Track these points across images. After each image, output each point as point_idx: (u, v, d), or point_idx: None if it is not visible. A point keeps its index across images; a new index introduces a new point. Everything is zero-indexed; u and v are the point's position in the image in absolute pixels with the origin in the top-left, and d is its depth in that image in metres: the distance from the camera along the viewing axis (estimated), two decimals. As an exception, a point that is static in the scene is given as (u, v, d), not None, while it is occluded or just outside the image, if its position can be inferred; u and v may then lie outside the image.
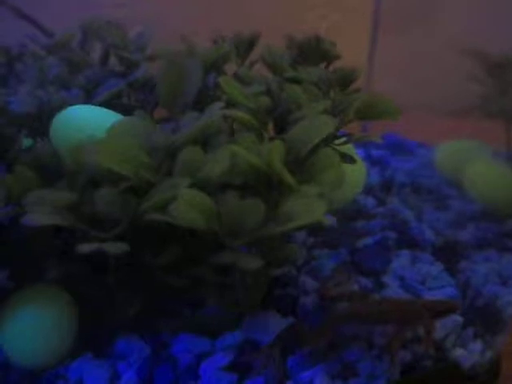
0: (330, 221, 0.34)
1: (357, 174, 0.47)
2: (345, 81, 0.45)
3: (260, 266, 0.30)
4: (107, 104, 0.44)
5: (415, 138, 0.66)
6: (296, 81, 0.44)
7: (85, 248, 0.30)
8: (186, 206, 0.29)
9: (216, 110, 0.37)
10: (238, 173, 0.34)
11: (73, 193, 0.34)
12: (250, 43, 0.51)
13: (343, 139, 0.42)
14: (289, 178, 0.31)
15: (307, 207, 0.30)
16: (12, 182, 0.35)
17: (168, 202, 0.30)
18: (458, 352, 0.38)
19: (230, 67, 0.52)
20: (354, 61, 0.53)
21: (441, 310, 0.37)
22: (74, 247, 0.34)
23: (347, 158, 0.40)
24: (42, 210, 0.31)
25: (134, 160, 0.33)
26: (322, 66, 0.51)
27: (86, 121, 0.40)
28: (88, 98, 0.46)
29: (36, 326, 0.37)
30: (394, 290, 0.42)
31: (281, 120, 0.42)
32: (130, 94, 0.49)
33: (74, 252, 0.35)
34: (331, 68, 0.50)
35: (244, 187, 0.35)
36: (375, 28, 0.80)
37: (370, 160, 0.58)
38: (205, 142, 0.38)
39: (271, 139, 0.37)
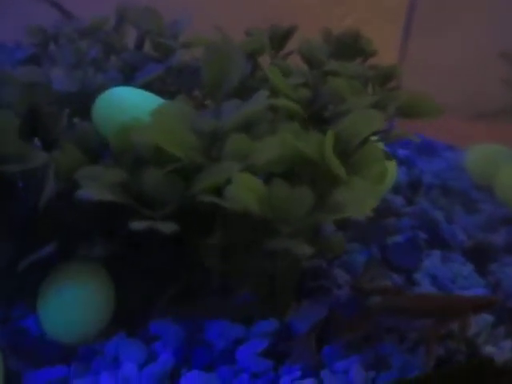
0: (370, 214, 0.36)
1: (388, 171, 0.49)
2: (383, 78, 0.47)
3: (308, 254, 0.32)
4: (145, 88, 0.46)
5: (442, 139, 0.67)
6: (335, 74, 0.46)
7: (137, 225, 0.32)
8: (242, 189, 0.31)
9: (262, 98, 0.38)
10: (284, 161, 0.35)
11: (121, 171, 0.36)
12: (285, 36, 0.53)
13: (379, 136, 0.44)
14: (340, 170, 0.33)
15: (357, 200, 0.32)
16: (61, 158, 0.36)
17: (220, 185, 0.32)
18: (489, 349, 0.40)
19: (264, 59, 0.54)
20: (382, 59, 0.55)
21: (480, 305, 0.38)
22: (119, 225, 0.36)
23: (387, 155, 0.41)
24: (96, 186, 0.33)
25: (184, 142, 0.35)
26: (358, 61, 0.53)
27: (128, 102, 0.42)
28: (125, 81, 0.47)
29: (75, 303, 0.39)
30: (425, 288, 0.44)
31: (318, 112, 0.44)
32: (165, 80, 0.51)
33: (119, 231, 0.37)
34: (367, 65, 0.52)
35: (288, 176, 0.36)
36: (407, 28, 0.82)
37: (397, 159, 0.59)
38: (248, 129, 0.39)
39: (318, 130, 0.39)
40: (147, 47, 0.55)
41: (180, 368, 0.38)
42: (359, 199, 0.34)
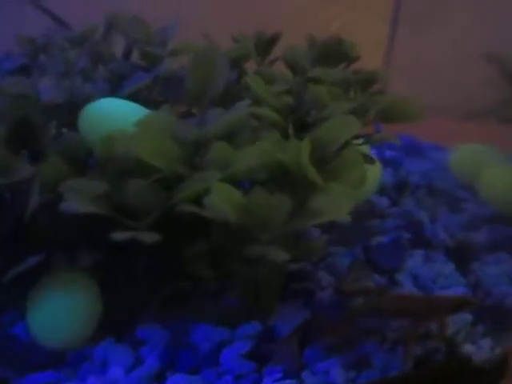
0: (348, 218, 0.37)
1: (372, 173, 0.50)
2: (365, 82, 0.48)
3: (284, 260, 0.33)
4: (132, 97, 0.47)
5: (429, 139, 0.68)
6: (317, 81, 0.47)
7: (119, 236, 0.33)
8: (219, 199, 0.32)
9: (244, 107, 0.39)
10: (264, 169, 0.37)
11: (105, 182, 0.37)
12: (270, 42, 0.54)
13: (362, 140, 0.45)
14: (316, 177, 0.34)
15: (333, 205, 0.33)
16: (46, 170, 0.38)
17: (200, 194, 0.33)
18: (468, 348, 0.41)
19: (251, 65, 0.55)
20: (368, 61, 0.56)
21: (457, 305, 0.39)
22: (103, 235, 0.37)
23: (367, 159, 0.42)
24: (79, 198, 0.34)
25: (166, 152, 0.36)
26: (342, 66, 0.54)
27: (114, 113, 0.43)
28: (112, 91, 0.49)
29: (63, 309, 0.40)
30: (407, 288, 0.45)
31: (301, 119, 0.45)
32: (152, 89, 0.52)
33: (103, 240, 0.38)
34: (350, 69, 0.54)
35: (268, 183, 0.38)
36: (393, 28, 0.83)
37: (383, 160, 0.60)
38: (230, 137, 0.41)
39: (297, 137, 0.40)
40: (135, 56, 0.57)
41: (165, 371, 0.39)
42: (336, 204, 0.35)
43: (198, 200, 0.35)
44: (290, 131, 0.40)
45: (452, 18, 0.90)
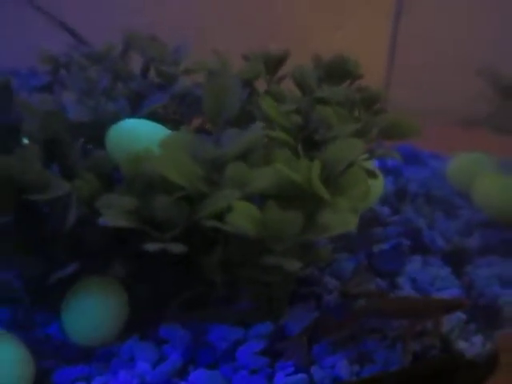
0: (354, 229, 0.42)
1: (375, 184, 0.55)
2: (369, 101, 0.53)
3: (298, 269, 0.38)
4: (150, 116, 0.52)
5: (429, 146, 0.73)
6: (324, 101, 0.52)
7: (151, 247, 0.38)
8: (240, 216, 0.37)
9: (258, 129, 0.44)
10: (276, 186, 0.42)
11: (134, 198, 0.42)
12: (279, 61, 0.59)
13: (366, 155, 0.50)
14: (325, 194, 0.39)
15: (342, 219, 0.38)
16: (81, 186, 0.43)
17: (222, 210, 0.38)
18: (461, 344, 0.46)
19: (260, 82, 0.60)
20: (371, 69, 0.61)
21: (451, 306, 0.45)
22: (132, 245, 0.42)
23: (371, 173, 0.47)
24: (114, 213, 0.39)
25: (188, 171, 0.41)
26: (346, 84, 0.59)
27: (138, 133, 0.48)
28: (133, 110, 0.53)
29: (94, 310, 0.45)
30: (406, 290, 0.50)
31: (309, 137, 0.50)
32: (168, 107, 0.57)
33: (132, 249, 0.43)
34: (354, 86, 0.58)
35: (280, 198, 0.43)
36: (394, 37, 0.88)
37: (385, 169, 0.66)
38: (245, 155, 0.46)
39: (306, 155, 0.45)
40: (151, 72, 0.61)
41: (187, 366, 0.45)
42: (344, 219, 0.40)
43: (218, 216, 0.40)
44: (300, 150, 0.45)
45: (453, 20, 0.95)
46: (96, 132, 0.51)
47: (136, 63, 0.62)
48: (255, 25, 0.89)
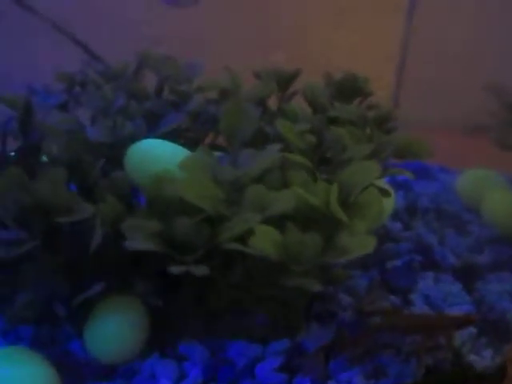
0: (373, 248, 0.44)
1: (386, 201, 0.58)
2: (381, 119, 0.55)
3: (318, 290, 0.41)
4: (166, 135, 0.54)
5: (438, 157, 0.76)
6: (337, 120, 0.54)
7: (176, 270, 0.41)
8: (262, 239, 0.40)
9: (275, 151, 0.47)
10: (296, 209, 0.44)
11: (157, 221, 0.44)
12: (290, 78, 0.62)
13: (380, 173, 0.52)
14: (343, 217, 0.42)
15: (360, 242, 0.41)
16: (105, 209, 0.45)
17: (244, 234, 0.41)
18: (472, 358, 0.49)
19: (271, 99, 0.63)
20: (378, 80, 0.63)
21: (460, 323, 0.47)
22: (154, 266, 0.45)
23: (384, 192, 0.50)
24: (139, 237, 0.41)
25: (210, 194, 0.43)
26: (357, 101, 0.61)
27: (157, 154, 0.50)
28: (149, 129, 0.56)
29: (116, 328, 0.48)
30: (419, 307, 0.52)
31: (323, 157, 0.53)
32: (182, 124, 0.59)
33: (153, 270, 0.46)
34: (365, 104, 0.61)
35: (298, 219, 0.45)
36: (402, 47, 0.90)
37: (395, 184, 0.68)
38: (262, 176, 0.48)
39: (321, 174, 0.47)
40: (165, 90, 0.64)
41: (208, 383, 0.47)
42: (362, 242, 0.42)
43: (239, 238, 0.42)
44: (317, 173, 0.47)
45: (461, 27, 0.97)
46: (114, 152, 0.53)
47: (148, 80, 0.65)
48: (258, 31, 0.91)
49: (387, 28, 0.95)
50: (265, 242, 0.40)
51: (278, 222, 0.44)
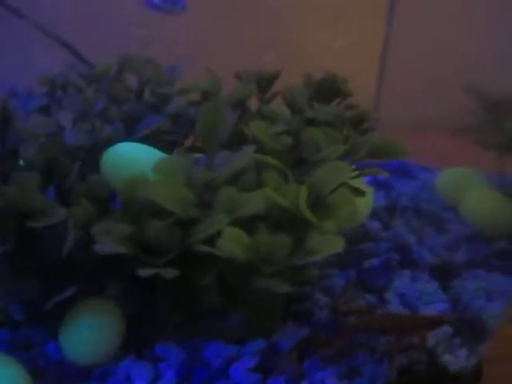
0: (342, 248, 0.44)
1: (364, 201, 0.57)
2: (358, 120, 0.55)
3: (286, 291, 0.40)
4: (144, 137, 0.54)
5: (419, 157, 0.75)
6: (313, 121, 0.54)
7: (144, 272, 0.40)
8: (230, 241, 0.39)
9: (249, 153, 0.46)
10: (266, 210, 0.44)
11: (129, 224, 0.44)
12: (271, 80, 0.61)
13: (356, 173, 0.52)
14: (312, 218, 0.41)
15: (329, 242, 0.40)
16: (77, 212, 0.45)
17: (213, 236, 0.40)
18: (447, 358, 0.48)
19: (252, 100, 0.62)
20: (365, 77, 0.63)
21: (434, 323, 0.47)
22: (127, 269, 0.44)
23: (359, 192, 0.49)
24: (109, 240, 0.41)
25: (182, 197, 0.43)
26: (336, 101, 0.61)
27: (133, 157, 0.50)
28: (128, 133, 0.55)
29: (91, 331, 0.47)
30: (394, 305, 0.52)
31: (298, 156, 0.52)
32: (161, 126, 0.58)
33: (126, 273, 0.45)
34: (344, 104, 0.60)
35: (267, 220, 0.45)
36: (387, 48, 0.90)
37: (376, 184, 0.68)
38: (236, 178, 0.48)
39: (295, 174, 0.47)
40: (146, 92, 0.63)
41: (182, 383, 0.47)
42: (329, 242, 0.42)
43: (209, 240, 0.42)
44: (289, 174, 0.47)
45: (444, 28, 0.97)
46: (91, 155, 0.53)
47: (131, 82, 0.64)
48: (251, 36, 0.91)
49: (375, 29, 0.95)
50: (233, 243, 0.39)
51: (250, 223, 0.44)
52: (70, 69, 0.65)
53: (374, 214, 0.62)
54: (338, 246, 0.42)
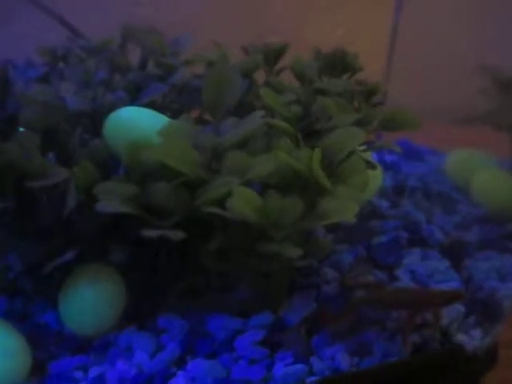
0: (354, 219, 0.42)
1: (373, 177, 0.55)
2: (368, 94, 0.53)
3: (297, 256, 0.38)
4: (148, 105, 0.52)
5: (428, 143, 0.73)
6: (324, 92, 0.52)
7: (149, 233, 0.38)
8: (241, 201, 0.37)
9: (258, 118, 0.44)
10: (277, 174, 0.41)
11: (133, 185, 0.41)
12: (278, 53, 0.59)
13: (365, 147, 0.50)
14: (326, 182, 0.39)
15: (341, 207, 0.38)
16: (79, 173, 0.42)
17: (222, 197, 0.38)
18: (461, 337, 0.46)
19: (260, 74, 0.60)
20: (370, 68, 0.61)
21: (449, 298, 0.45)
22: (131, 232, 0.42)
23: (370, 164, 0.47)
24: (112, 199, 0.39)
25: (188, 159, 0.41)
26: (345, 77, 0.59)
27: (136, 121, 0.48)
28: (131, 100, 0.53)
29: (91, 299, 0.45)
30: (405, 282, 0.50)
31: (309, 127, 0.50)
32: (167, 97, 0.57)
33: (129, 236, 0.43)
34: (354, 79, 0.58)
35: (281, 186, 0.42)
36: (393, 35, 0.88)
37: (384, 165, 0.66)
38: (245, 144, 0.45)
39: (306, 144, 0.45)
40: (150, 64, 0.61)
41: (185, 356, 0.44)
42: (343, 207, 0.40)
43: (218, 203, 0.39)
44: (300, 139, 0.45)
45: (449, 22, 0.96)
46: (94, 122, 0.51)
47: (134, 56, 0.62)
48: (254, 21, 0.89)
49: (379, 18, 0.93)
50: (243, 204, 0.37)
51: (260, 189, 0.42)
52: (71, 41, 0.63)
53: (382, 194, 0.60)
54: (351, 210, 0.39)
